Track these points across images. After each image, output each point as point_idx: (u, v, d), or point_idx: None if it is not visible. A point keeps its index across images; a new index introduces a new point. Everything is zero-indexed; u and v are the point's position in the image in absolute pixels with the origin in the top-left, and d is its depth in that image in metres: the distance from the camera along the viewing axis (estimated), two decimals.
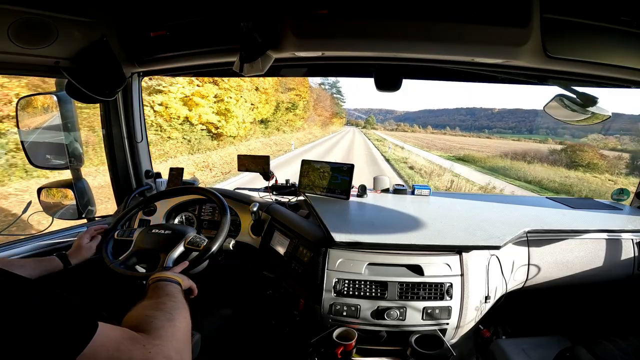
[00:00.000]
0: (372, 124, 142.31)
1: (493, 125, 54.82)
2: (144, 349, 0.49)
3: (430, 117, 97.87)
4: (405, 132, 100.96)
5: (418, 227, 1.19)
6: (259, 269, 1.34)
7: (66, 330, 0.43)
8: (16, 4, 0.89)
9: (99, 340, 0.45)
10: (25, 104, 1.34)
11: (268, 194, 1.64)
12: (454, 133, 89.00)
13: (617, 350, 0.98)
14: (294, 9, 0.86)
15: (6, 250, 1.12)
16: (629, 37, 0.87)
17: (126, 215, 1.22)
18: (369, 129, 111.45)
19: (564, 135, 43.89)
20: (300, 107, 26.99)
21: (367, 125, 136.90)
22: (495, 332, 1.51)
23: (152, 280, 0.79)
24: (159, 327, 0.55)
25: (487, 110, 75.36)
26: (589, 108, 1.05)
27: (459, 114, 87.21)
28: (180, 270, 0.93)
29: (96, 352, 0.44)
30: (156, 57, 1.18)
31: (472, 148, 38.46)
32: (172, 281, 0.78)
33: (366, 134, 64.20)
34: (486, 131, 77.50)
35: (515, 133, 50.92)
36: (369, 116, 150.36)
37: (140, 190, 1.61)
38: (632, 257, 1.32)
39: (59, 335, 0.42)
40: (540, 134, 48.21)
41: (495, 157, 27.68)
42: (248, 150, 14.57)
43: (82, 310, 0.46)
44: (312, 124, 40.59)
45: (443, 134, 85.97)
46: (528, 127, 54.44)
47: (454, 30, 0.84)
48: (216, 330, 1.31)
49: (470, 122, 69.66)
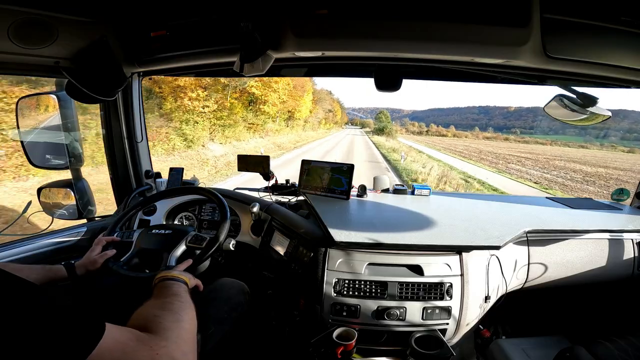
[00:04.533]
0: (385, 123, 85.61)
1: (511, 124, 49.84)
2: (151, 350, 0.49)
3: (440, 116, 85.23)
4: (441, 136, 56.27)
5: (418, 227, 1.19)
6: (259, 269, 1.34)
7: (74, 332, 0.43)
8: (16, 4, 0.89)
9: (106, 342, 0.45)
10: (25, 104, 1.34)
11: (268, 194, 1.64)
12: (520, 139, 51.70)
13: (617, 350, 0.98)
14: (294, 9, 0.86)
15: (6, 250, 1.12)
16: (629, 37, 0.87)
17: (126, 215, 1.22)
18: (380, 134, 63.53)
19: (610, 138, 33.14)
20: (270, 100, 18.31)
21: (379, 124, 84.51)
22: (495, 332, 1.51)
23: (158, 279, 0.78)
24: (166, 328, 0.55)
25: (502, 108, 69.60)
26: (588, 108, 1.05)
27: (470, 112, 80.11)
28: (184, 268, 0.93)
29: (103, 353, 0.44)
30: (156, 57, 1.18)
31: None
32: (178, 280, 0.78)
33: (378, 144, 32.62)
34: (518, 132, 63.74)
35: (541, 134, 43.66)
36: (380, 112, 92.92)
37: (140, 190, 1.61)
38: (632, 257, 1.32)
39: (67, 337, 0.42)
40: (568, 134, 42.98)
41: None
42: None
43: (89, 311, 0.47)
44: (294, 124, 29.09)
45: (505, 139, 53.39)
46: (552, 127, 49.47)
47: (454, 30, 0.84)
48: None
49: (485, 122, 64.81)
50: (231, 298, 1.09)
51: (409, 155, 20.64)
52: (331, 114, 61.58)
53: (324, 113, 52.99)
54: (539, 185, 14.91)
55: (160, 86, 11.30)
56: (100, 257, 1.02)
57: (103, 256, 1.03)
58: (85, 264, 1.00)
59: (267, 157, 1.63)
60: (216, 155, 11.87)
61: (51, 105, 1.32)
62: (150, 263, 1.09)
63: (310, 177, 1.56)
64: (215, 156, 11.79)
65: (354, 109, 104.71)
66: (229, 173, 10.09)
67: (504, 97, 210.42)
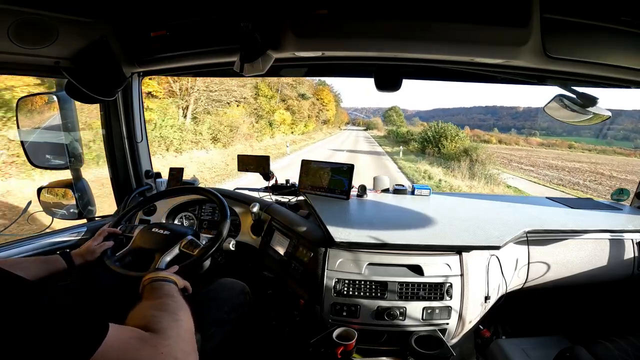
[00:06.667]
0: (399, 123, 62.09)
1: (521, 125, 44.83)
2: (155, 349, 0.49)
3: (444, 116, 78.33)
4: (483, 142, 36.24)
5: (418, 227, 1.19)
6: (259, 269, 1.34)
7: (79, 331, 0.44)
8: (16, 4, 0.89)
9: (110, 341, 0.45)
10: (25, 104, 1.34)
11: (268, 194, 1.64)
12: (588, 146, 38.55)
13: (617, 350, 0.98)
14: (294, 9, 0.86)
15: (6, 250, 1.12)
16: (629, 37, 0.87)
17: (126, 215, 1.22)
18: (391, 147, 26.62)
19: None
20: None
21: (390, 123, 62.94)
22: (495, 332, 1.51)
23: (148, 280, 0.78)
24: (167, 327, 0.55)
25: (510, 108, 65.30)
26: (588, 108, 1.05)
27: (477, 112, 75.69)
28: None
29: (108, 352, 0.44)
30: (156, 57, 1.18)
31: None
32: (168, 281, 0.78)
33: (393, 157, 18.87)
34: (537, 133, 54.66)
35: (554, 135, 37.94)
36: (391, 109, 65.31)
37: (140, 190, 1.61)
38: (632, 257, 1.32)
39: (71, 336, 0.43)
40: (582, 135, 34.19)
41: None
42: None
43: (92, 311, 0.47)
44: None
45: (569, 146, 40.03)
46: (565, 129, 43.29)
47: (454, 30, 0.84)
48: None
49: (492, 122, 59.97)
50: (232, 299, 1.09)
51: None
52: (319, 105, 34.33)
53: (309, 106, 28.70)
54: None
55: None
56: (99, 247, 1.03)
57: (102, 246, 1.04)
58: (83, 253, 1.01)
59: (267, 157, 1.63)
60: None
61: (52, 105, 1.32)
62: (142, 262, 1.08)
63: (310, 177, 1.56)
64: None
65: (355, 109, 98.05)
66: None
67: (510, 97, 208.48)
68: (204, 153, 12.58)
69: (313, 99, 31.74)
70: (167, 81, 11.78)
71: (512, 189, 12.63)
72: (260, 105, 19.75)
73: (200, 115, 13.82)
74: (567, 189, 14.46)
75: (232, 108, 15.91)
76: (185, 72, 1.44)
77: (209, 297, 1.06)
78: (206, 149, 13.07)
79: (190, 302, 0.70)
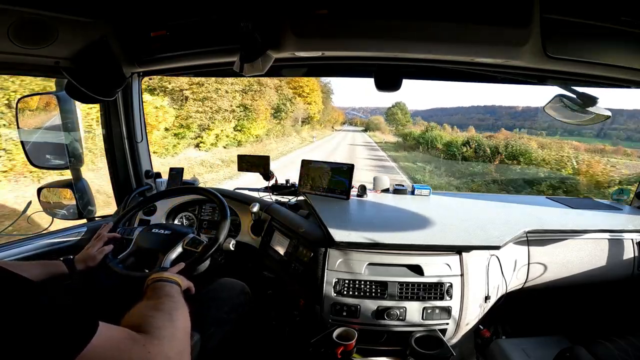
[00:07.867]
0: (404, 122, 49.37)
1: (520, 124, 43.97)
2: (143, 349, 0.49)
3: (443, 116, 76.05)
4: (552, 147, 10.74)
5: (418, 227, 1.19)
6: (259, 269, 1.34)
7: (66, 330, 0.43)
8: (16, 4, 0.89)
9: (98, 340, 0.45)
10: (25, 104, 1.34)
11: (268, 194, 1.64)
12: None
13: (617, 350, 0.98)
14: (294, 9, 0.86)
15: (6, 250, 1.12)
16: (629, 37, 0.87)
17: (126, 215, 1.22)
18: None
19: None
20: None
21: (394, 123, 50.79)
22: (495, 332, 1.51)
23: (151, 280, 0.78)
24: (159, 327, 0.55)
25: (509, 108, 64.44)
26: (589, 108, 1.05)
27: (476, 112, 74.65)
28: (176, 272, 0.92)
29: (96, 352, 0.44)
30: (156, 57, 1.18)
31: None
32: (171, 282, 0.78)
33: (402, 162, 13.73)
34: (544, 133, 52.05)
35: (554, 134, 36.68)
36: (395, 105, 52.32)
37: (140, 190, 1.61)
38: (632, 257, 1.32)
39: (59, 334, 0.43)
40: (584, 135, 31.57)
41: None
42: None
43: (83, 310, 0.47)
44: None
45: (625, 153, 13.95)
46: (567, 128, 40.71)
47: (454, 30, 0.84)
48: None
49: (492, 122, 58.88)
50: (232, 299, 1.09)
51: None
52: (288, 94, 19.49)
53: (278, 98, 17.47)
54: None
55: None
56: (99, 252, 1.02)
57: (102, 252, 1.03)
58: (85, 259, 1.00)
59: (267, 157, 1.63)
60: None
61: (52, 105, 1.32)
62: (146, 263, 1.09)
63: (310, 177, 1.56)
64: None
65: (353, 108, 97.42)
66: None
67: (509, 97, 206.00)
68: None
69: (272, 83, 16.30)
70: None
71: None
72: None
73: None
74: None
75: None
76: (185, 72, 1.44)
77: (209, 297, 1.06)
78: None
79: (190, 302, 0.70)
